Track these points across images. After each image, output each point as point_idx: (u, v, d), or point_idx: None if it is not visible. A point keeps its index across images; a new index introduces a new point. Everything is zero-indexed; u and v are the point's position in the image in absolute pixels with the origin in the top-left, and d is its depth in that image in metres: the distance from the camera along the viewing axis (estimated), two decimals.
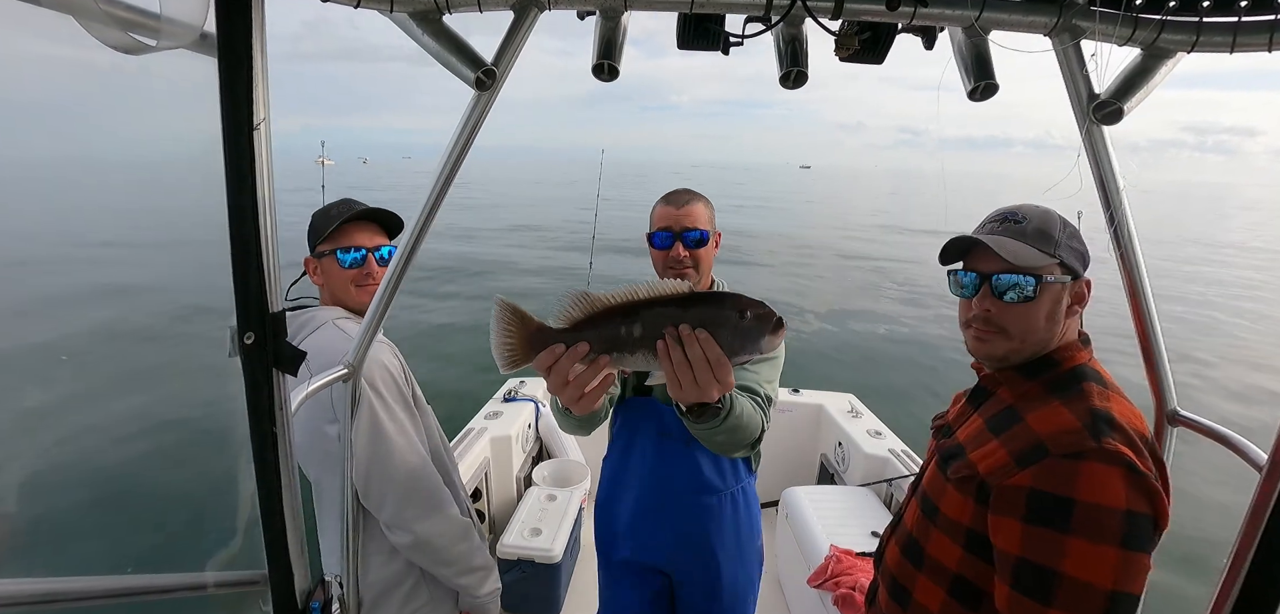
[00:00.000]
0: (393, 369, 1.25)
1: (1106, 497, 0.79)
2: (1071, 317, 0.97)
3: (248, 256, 0.74)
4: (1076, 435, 0.83)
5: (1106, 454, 0.80)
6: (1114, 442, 0.81)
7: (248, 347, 0.77)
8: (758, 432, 1.29)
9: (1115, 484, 0.79)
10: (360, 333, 1.13)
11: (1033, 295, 0.93)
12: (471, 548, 1.30)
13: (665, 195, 1.49)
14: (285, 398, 0.84)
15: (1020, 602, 0.83)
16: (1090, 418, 0.84)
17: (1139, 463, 0.80)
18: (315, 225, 1.35)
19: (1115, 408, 0.86)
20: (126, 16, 0.59)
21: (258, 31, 0.68)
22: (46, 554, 3.43)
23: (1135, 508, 0.79)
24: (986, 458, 0.91)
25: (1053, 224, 0.96)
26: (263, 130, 0.71)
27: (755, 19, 0.93)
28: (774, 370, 1.48)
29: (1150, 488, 0.79)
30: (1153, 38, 0.91)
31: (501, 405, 3.20)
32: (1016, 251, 0.93)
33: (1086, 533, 0.78)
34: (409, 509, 1.20)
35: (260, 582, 0.92)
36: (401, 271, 1.11)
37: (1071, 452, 0.82)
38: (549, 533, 2.53)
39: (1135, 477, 0.79)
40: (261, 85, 0.69)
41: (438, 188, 1.05)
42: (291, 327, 1.28)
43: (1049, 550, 0.80)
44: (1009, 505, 0.85)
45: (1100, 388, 0.90)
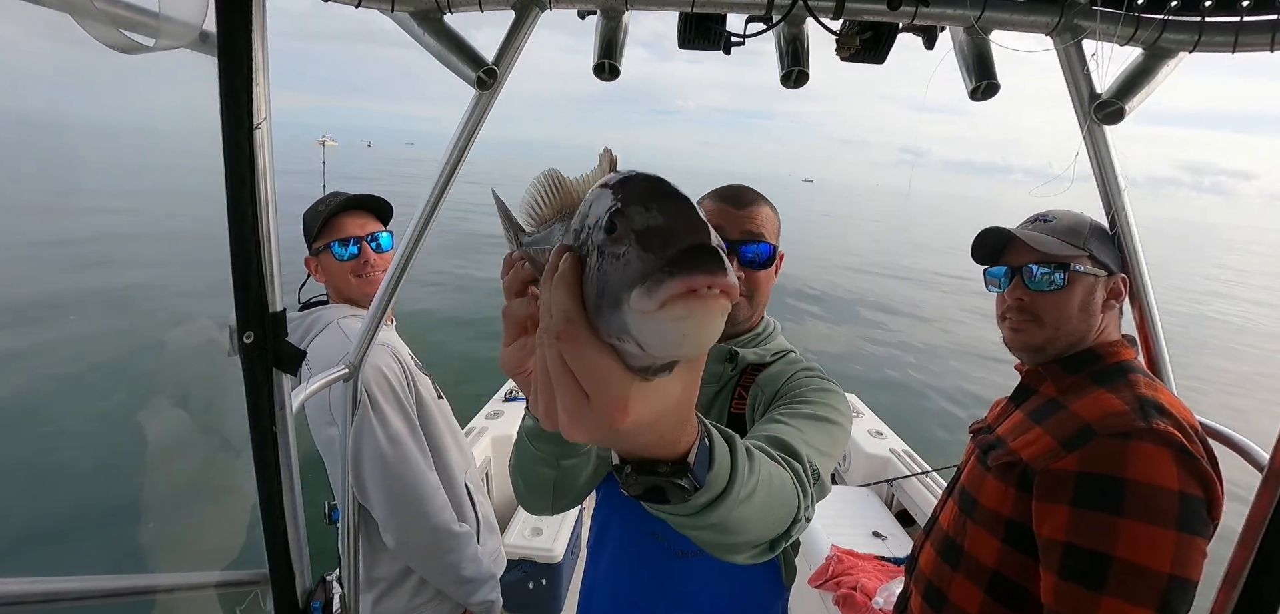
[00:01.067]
0: (392, 375, 1.23)
1: (1160, 477, 0.76)
2: (1108, 311, 0.98)
3: (247, 256, 0.74)
4: (1124, 417, 0.81)
5: (1157, 434, 0.78)
6: (1163, 424, 0.79)
7: (247, 346, 0.77)
8: (786, 523, 0.63)
9: (1167, 464, 0.77)
10: (360, 333, 1.13)
11: (1062, 285, 0.96)
12: (460, 559, 1.26)
13: (717, 191, 1.02)
14: (285, 398, 0.84)
15: (1069, 591, 0.78)
16: (1138, 403, 0.83)
17: (1189, 446, 0.78)
18: (306, 223, 1.34)
19: (1163, 397, 0.86)
20: (125, 16, 0.58)
21: (258, 31, 0.67)
22: (46, 554, 3.43)
23: (1188, 490, 0.77)
24: (1030, 444, 0.89)
25: (1083, 223, 1.00)
26: (263, 130, 0.71)
27: (756, 18, 0.93)
28: (827, 435, 0.80)
29: (1202, 471, 0.78)
30: (1154, 37, 0.91)
31: (502, 405, 3.20)
32: (1044, 242, 0.97)
33: (1141, 514, 0.75)
34: (393, 518, 1.19)
35: (261, 581, 0.92)
36: (402, 271, 1.11)
37: (1120, 432, 0.80)
38: (550, 533, 2.53)
39: (1187, 458, 0.77)
40: (262, 85, 0.69)
41: (439, 186, 1.04)
42: (299, 328, 1.27)
43: (1101, 534, 0.77)
44: (1055, 490, 0.82)
45: (1147, 379, 0.90)
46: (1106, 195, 1.07)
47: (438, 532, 1.22)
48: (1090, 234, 0.99)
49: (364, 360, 1.15)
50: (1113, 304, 0.98)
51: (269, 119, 0.71)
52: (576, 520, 2.73)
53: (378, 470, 1.16)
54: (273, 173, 0.73)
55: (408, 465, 1.19)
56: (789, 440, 0.71)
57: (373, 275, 1.31)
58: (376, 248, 1.33)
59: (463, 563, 1.26)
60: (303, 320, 1.29)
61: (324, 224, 1.30)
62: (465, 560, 1.27)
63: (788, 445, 0.70)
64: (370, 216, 1.35)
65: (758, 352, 0.99)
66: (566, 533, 2.56)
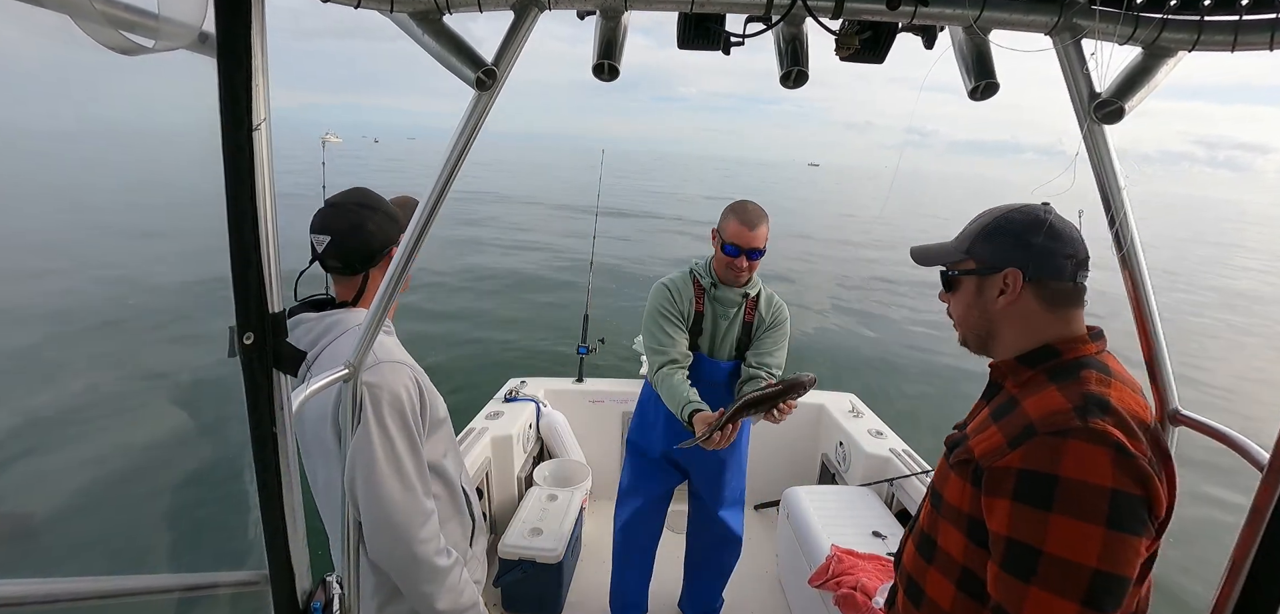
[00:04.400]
0: (405, 401, 1.19)
1: (1092, 475, 0.78)
2: (1012, 306, 0.98)
3: (247, 257, 0.74)
4: (1064, 415, 0.83)
5: (1092, 433, 0.79)
6: (1101, 422, 0.80)
7: (247, 346, 0.77)
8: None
9: (1101, 462, 0.78)
10: (361, 333, 1.12)
11: (951, 289, 1.05)
12: (437, 590, 1.23)
13: (737, 209, 1.90)
14: (285, 398, 0.84)
15: (1005, 580, 0.83)
16: (1082, 400, 0.84)
17: (1129, 444, 0.79)
18: (388, 225, 1.32)
19: (1114, 394, 0.85)
20: (124, 17, 0.58)
21: (257, 31, 0.67)
22: (46, 554, 3.43)
23: (1123, 488, 0.77)
24: (983, 442, 0.93)
25: (976, 224, 1.02)
26: (263, 130, 0.71)
27: (756, 18, 0.93)
28: (785, 350, 2.07)
29: (1141, 470, 0.78)
30: (1154, 36, 0.91)
31: (502, 405, 3.20)
32: (929, 252, 1.07)
33: (1069, 510, 0.78)
34: (377, 537, 1.18)
35: (260, 582, 0.92)
36: (402, 271, 1.11)
37: (1058, 430, 0.82)
38: (550, 533, 2.53)
39: (1124, 458, 0.78)
40: (261, 85, 0.69)
41: (438, 187, 1.04)
42: (315, 330, 1.25)
43: (1033, 529, 0.80)
44: (999, 486, 0.85)
45: (1102, 375, 0.89)
46: (1106, 195, 1.07)
47: (418, 561, 1.19)
48: (976, 235, 1.01)
49: (363, 361, 1.14)
50: (1024, 299, 0.97)
51: (269, 119, 0.71)
52: (577, 521, 2.73)
53: (371, 488, 1.14)
54: (273, 173, 0.73)
55: (403, 490, 1.17)
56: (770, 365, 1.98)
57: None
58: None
59: (439, 595, 1.23)
60: (319, 322, 1.26)
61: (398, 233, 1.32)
62: (442, 593, 1.23)
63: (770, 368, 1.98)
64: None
65: (751, 291, 2.03)
66: (566, 533, 2.56)
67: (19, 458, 4.47)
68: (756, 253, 1.89)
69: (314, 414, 1.23)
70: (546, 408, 3.33)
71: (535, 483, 2.94)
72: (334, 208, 1.29)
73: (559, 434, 3.28)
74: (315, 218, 1.29)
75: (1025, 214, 0.98)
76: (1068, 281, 0.96)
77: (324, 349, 1.24)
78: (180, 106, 0.73)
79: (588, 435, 3.37)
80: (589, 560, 2.93)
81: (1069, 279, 0.96)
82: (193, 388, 5.58)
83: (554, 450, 3.30)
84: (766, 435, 3.32)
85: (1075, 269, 0.96)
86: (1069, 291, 0.96)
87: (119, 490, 4.26)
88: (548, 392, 3.42)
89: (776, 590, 2.77)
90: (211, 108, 0.68)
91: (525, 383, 3.46)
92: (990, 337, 1.02)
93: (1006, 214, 1.00)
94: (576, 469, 3.11)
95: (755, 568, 2.90)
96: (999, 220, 1.01)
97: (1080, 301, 0.98)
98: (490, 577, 2.61)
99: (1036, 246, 0.95)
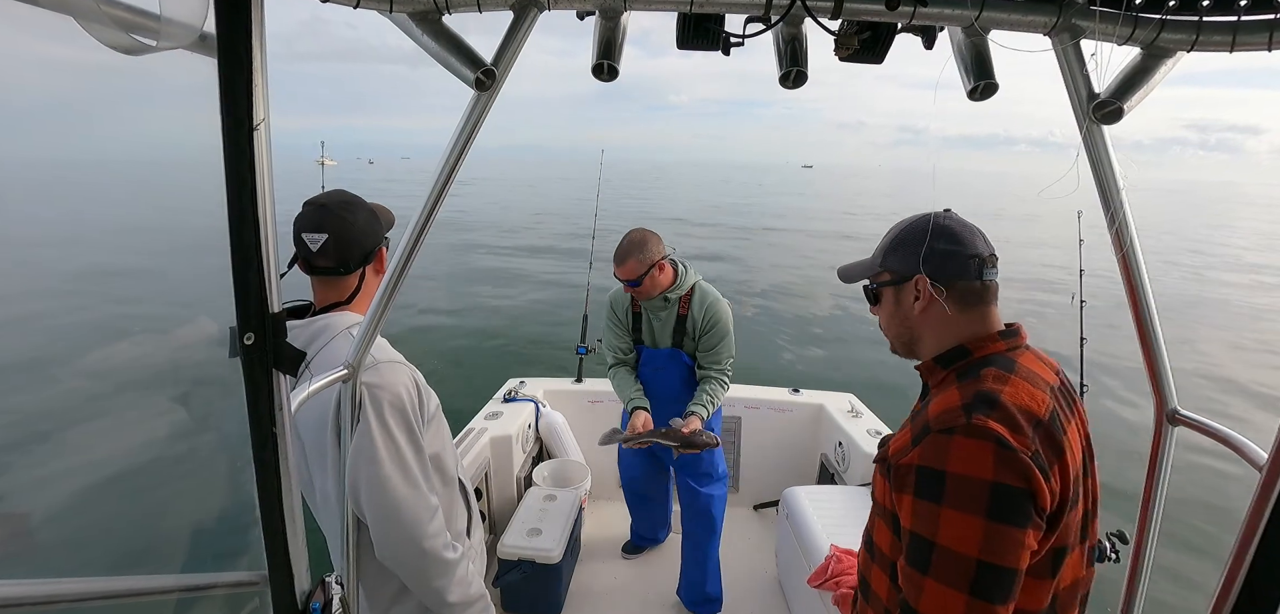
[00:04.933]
0: (406, 399, 1.20)
1: (974, 468, 0.81)
2: (926, 312, 1.01)
3: (247, 257, 0.74)
4: (953, 412, 0.86)
5: (975, 429, 0.83)
6: (985, 418, 0.83)
7: (248, 347, 0.77)
8: (726, 391, 2.41)
9: (983, 456, 0.81)
10: (360, 334, 1.13)
11: (873, 301, 1.10)
12: (448, 583, 1.24)
13: (615, 253, 2.27)
14: (285, 398, 0.84)
15: (906, 572, 0.87)
16: (972, 397, 0.87)
17: (1011, 439, 0.81)
18: (377, 226, 1.34)
19: (1008, 390, 0.87)
20: (126, 17, 0.59)
21: (257, 32, 0.68)
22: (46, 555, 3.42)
23: (1004, 480, 0.80)
24: (896, 441, 0.97)
25: (888, 238, 1.06)
26: (262, 131, 0.71)
27: (755, 19, 0.93)
28: (728, 348, 2.39)
29: (1022, 465, 0.80)
30: (1152, 37, 0.91)
31: (501, 406, 3.20)
32: (850, 270, 1.12)
33: (956, 503, 0.82)
34: (387, 538, 1.18)
35: (260, 582, 0.92)
36: (401, 272, 1.11)
37: (946, 427, 0.85)
38: (549, 533, 2.53)
39: (1005, 452, 0.81)
40: (261, 86, 0.69)
41: (437, 188, 1.04)
42: (305, 334, 1.24)
43: (927, 522, 0.84)
44: (903, 482, 0.89)
45: (1001, 372, 0.90)
46: (1105, 195, 1.07)
47: (427, 556, 1.20)
48: (887, 247, 1.06)
49: (362, 361, 1.14)
50: (924, 305, 1.00)
51: (268, 119, 0.71)
52: (575, 521, 2.73)
53: (376, 488, 1.15)
54: (272, 173, 0.73)
55: (408, 487, 1.17)
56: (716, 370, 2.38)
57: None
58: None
59: (450, 588, 1.24)
60: (307, 327, 1.26)
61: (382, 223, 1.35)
62: (453, 585, 1.25)
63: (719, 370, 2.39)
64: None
65: (673, 294, 2.35)
66: (565, 533, 2.56)
67: (18, 458, 4.46)
68: (633, 282, 2.24)
69: (314, 421, 1.23)
70: (546, 408, 3.33)
71: (534, 483, 2.94)
72: (323, 207, 1.28)
73: (558, 434, 3.28)
74: (304, 217, 1.28)
75: (925, 221, 1.02)
76: (974, 281, 0.98)
77: (317, 354, 1.22)
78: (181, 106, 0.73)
79: (587, 435, 3.37)
80: (588, 560, 2.93)
81: (975, 278, 0.98)
82: (192, 387, 5.57)
83: (553, 451, 3.30)
84: (766, 436, 3.33)
85: (980, 267, 0.98)
86: (978, 290, 0.99)
87: (118, 490, 4.26)
88: (547, 392, 3.43)
89: (775, 590, 2.77)
90: (212, 108, 0.68)
91: (524, 383, 3.46)
92: (913, 342, 1.05)
93: (909, 224, 1.04)
94: (576, 469, 3.11)
95: (754, 568, 2.91)
96: (903, 231, 1.05)
97: (991, 298, 1.00)
98: (490, 575, 2.61)
99: (938, 251, 0.99)
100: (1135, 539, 1.23)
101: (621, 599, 2.72)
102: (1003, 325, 1.00)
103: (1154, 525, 1.21)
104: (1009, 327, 1.01)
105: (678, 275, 2.34)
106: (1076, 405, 0.96)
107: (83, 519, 3.99)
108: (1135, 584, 1.23)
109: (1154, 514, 1.20)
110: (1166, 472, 1.19)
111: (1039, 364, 0.96)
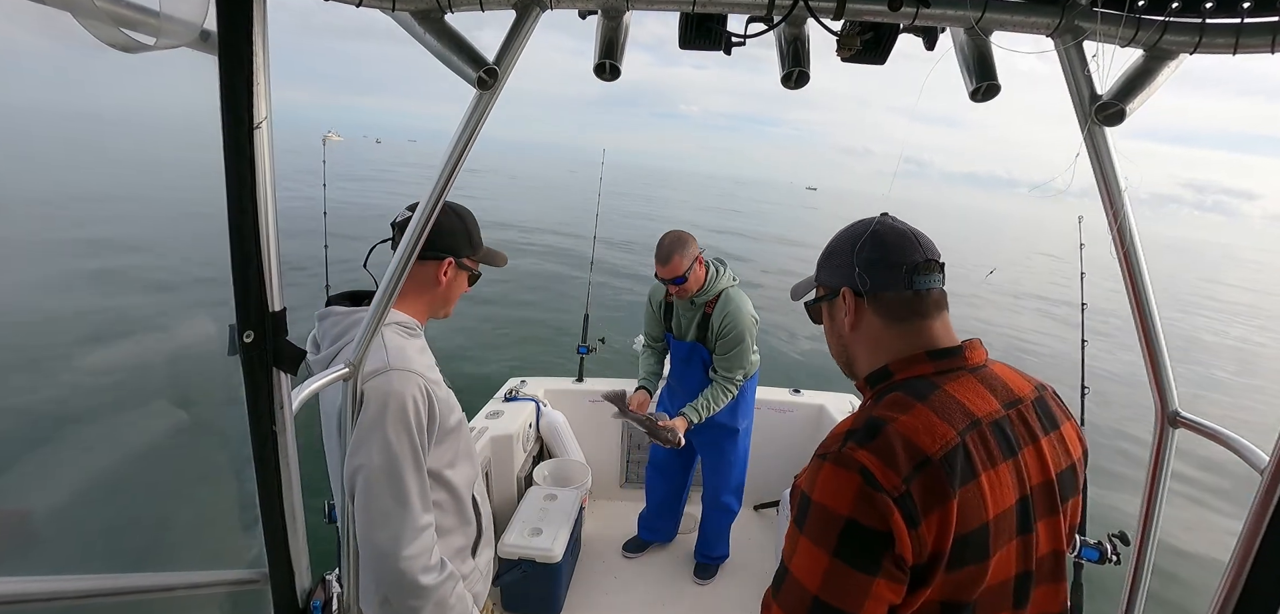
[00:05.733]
0: (410, 410, 1.16)
1: (833, 500, 0.75)
2: (856, 328, 0.94)
3: (248, 255, 0.74)
4: (836, 438, 0.80)
5: (843, 458, 0.76)
6: (858, 449, 0.76)
7: (247, 345, 0.77)
8: (731, 397, 2.53)
9: (843, 489, 0.74)
10: (361, 332, 1.12)
11: (816, 319, 1.03)
12: (422, 606, 1.20)
13: (656, 252, 2.39)
14: (285, 396, 0.84)
15: (768, 591, 0.82)
16: (858, 424, 0.80)
17: (878, 475, 0.73)
18: (466, 226, 1.35)
19: (903, 420, 0.78)
20: (126, 14, 0.58)
21: (258, 30, 0.68)
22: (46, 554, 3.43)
23: (861, 519, 0.72)
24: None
25: (828, 244, 1.00)
26: (263, 129, 0.71)
27: (757, 19, 0.93)
28: (739, 357, 2.49)
29: (884, 507, 0.72)
30: (1155, 39, 0.91)
31: (502, 405, 3.20)
32: (796, 287, 1.08)
33: (810, 532, 0.76)
34: (366, 545, 1.16)
35: (260, 581, 0.92)
36: (403, 270, 1.11)
37: (821, 453, 0.80)
38: (549, 533, 2.53)
39: (870, 488, 0.73)
40: (262, 84, 0.69)
41: (440, 186, 1.04)
42: (343, 324, 1.23)
43: (789, 545, 0.79)
44: (793, 503, 0.85)
45: (907, 399, 0.81)
46: (1107, 196, 1.07)
47: (402, 576, 1.16)
48: (820, 261, 1.00)
49: (363, 361, 1.14)
50: (852, 320, 0.93)
51: (269, 119, 0.71)
52: (576, 521, 2.73)
53: (363, 498, 1.13)
54: (273, 172, 0.73)
55: (394, 501, 1.14)
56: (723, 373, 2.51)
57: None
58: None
59: (423, 610, 1.20)
60: (349, 316, 1.23)
61: (482, 245, 1.38)
62: (428, 608, 1.21)
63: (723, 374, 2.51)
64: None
65: (699, 299, 2.51)
66: (566, 533, 2.56)
67: (18, 456, 4.46)
68: (677, 280, 2.37)
69: (332, 404, 1.23)
70: (546, 407, 3.33)
71: (535, 482, 2.94)
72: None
73: (559, 434, 3.28)
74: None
75: (853, 229, 0.95)
76: (904, 290, 0.89)
77: (346, 344, 1.20)
78: (181, 104, 0.73)
79: (587, 435, 3.37)
80: (589, 560, 2.93)
81: (905, 288, 0.89)
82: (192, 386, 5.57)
83: (554, 450, 3.30)
84: (767, 436, 3.33)
85: (911, 275, 0.89)
86: (909, 301, 0.89)
87: (118, 489, 4.26)
88: (547, 391, 3.42)
89: None
90: (212, 106, 0.68)
91: (525, 382, 3.46)
92: (850, 360, 0.98)
93: (839, 234, 0.98)
94: (576, 469, 3.11)
95: (755, 568, 2.91)
96: (832, 241, 0.98)
97: (929, 311, 0.90)
98: None
99: (862, 261, 0.91)
100: (1136, 541, 1.23)
101: (622, 599, 2.73)
102: (946, 343, 0.89)
103: (1155, 527, 1.21)
104: (950, 348, 0.88)
105: (708, 278, 2.48)
106: (1042, 440, 0.85)
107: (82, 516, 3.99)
108: (1136, 585, 1.23)
109: (1155, 516, 1.20)
110: (1167, 473, 1.19)
111: (975, 391, 0.84)
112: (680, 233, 2.40)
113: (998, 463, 0.79)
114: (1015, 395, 0.87)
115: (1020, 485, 0.80)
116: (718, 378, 2.51)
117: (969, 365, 0.87)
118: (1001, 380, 0.88)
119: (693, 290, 2.44)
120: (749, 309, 2.49)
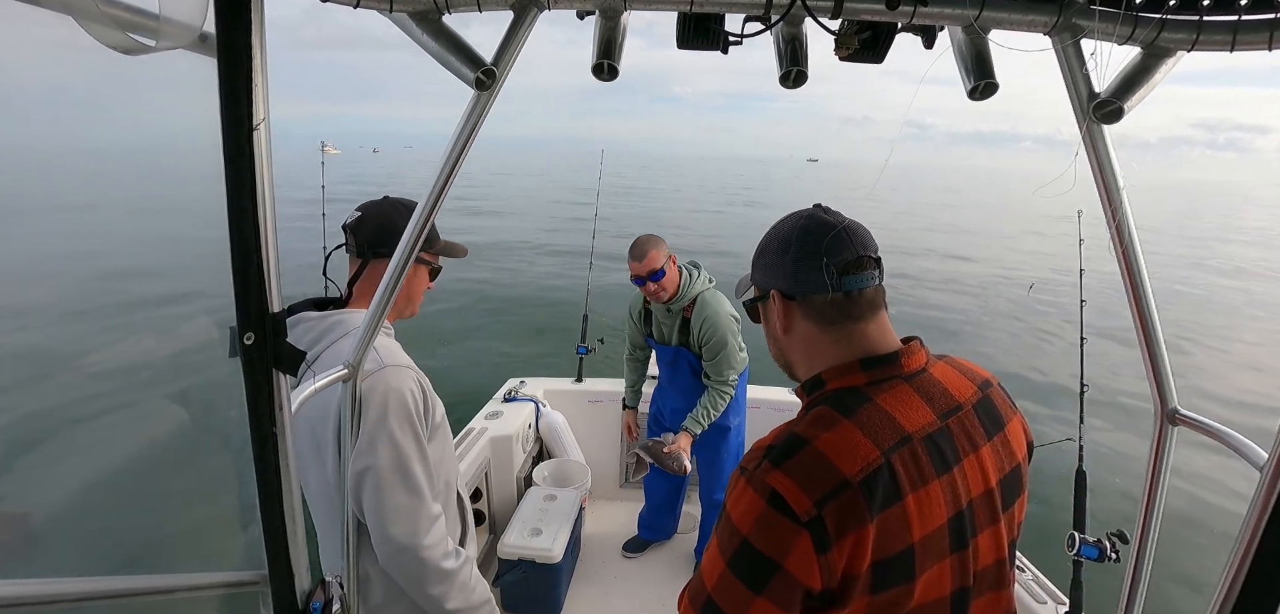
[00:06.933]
0: (411, 404, 1.19)
1: (738, 517, 0.74)
2: (789, 332, 0.89)
3: (248, 256, 0.74)
4: (754, 453, 0.78)
5: (755, 479, 0.74)
6: (772, 469, 0.73)
7: (248, 347, 0.78)
8: (728, 400, 2.55)
9: (749, 510, 0.73)
10: (361, 332, 1.13)
11: (755, 319, 0.98)
12: (448, 590, 1.23)
13: (630, 249, 2.41)
14: (285, 398, 0.84)
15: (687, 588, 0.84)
16: (778, 440, 0.77)
17: (790, 501, 0.70)
18: (397, 223, 1.32)
19: (825, 438, 0.74)
20: (125, 17, 0.59)
21: (257, 31, 0.68)
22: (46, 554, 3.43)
23: (755, 543, 0.72)
24: None
25: (759, 246, 0.94)
26: (262, 130, 0.71)
27: (755, 18, 0.93)
28: (726, 360, 2.50)
29: (784, 536, 0.70)
30: (1153, 36, 0.91)
31: (502, 405, 3.20)
32: (739, 283, 1.03)
33: (718, 535, 0.78)
34: (387, 543, 1.17)
35: (260, 582, 0.92)
36: (401, 271, 1.11)
37: (742, 466, 0.78)
38: (549, 533, 2.53)
39: (775, 512, 0.71)
40: (261, 85, 0.69)
41: (437, 188, 1.04)
42: (316, 330, 1.24)
43: (708, 549, 0.81)
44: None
45: (832, 414, 0.77)
46: (1106, 194, 1.07)
47: (425, 565, 1.18)
48: (753, 262, 0.96)
49: (363, 361, 1.14)
50: (799, 322, 0.88)
51: (268, 119, 0.71)
52: (576, 521, 2.73)
53: (376, 494, 1.14)
54: (272, 173, 0.73)
55: (408, 494, 1.16)
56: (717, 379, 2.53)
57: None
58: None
59: (449, 595, 1.23)
60: (320, 322, 1.25)
61: (438, 238, 1.38)
62: (453, 592, 1.23)
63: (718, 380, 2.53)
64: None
65: (675, 306, 2.52)
66: (565, 533, 2.56)
67: (18, 457, 4.46)
68: (655, 275, 2.38)
69: (313, 414, 1.22)
70: (546, 408, 3.33)
71: (534, 483, 2.94)
72: (376, 200, 1.36)
73: (558, 434, 3.28)
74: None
75: (783, 225, 0.90)
76: (832, 292, 0.82)
77: (325, 349, 1.23)
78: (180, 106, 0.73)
79: (587, 435, 3.37)
80: (589, 560, 2.93)
81: (833, 289, 0.82)
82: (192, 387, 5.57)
83: (553, 450, 3.30)
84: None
85: (838, 276, 0.82)
86: (840, 303, 0.83)
87: (118, 490, 4.26)
88: (547, 391, 3.42)
89: None
90: (212, 107, 0.68)
91: (524, 383, 3.46)
92: (789, 365, 0.93)
93: (771, 229, 0.92)
94: (576, 469, 3.11)
95: None
96: (763, 239, 0.93)
97: (858, 313, 0.84)
98: (490, 576, 2.61)
99: (789, 261, 0.86)
100: (1136, 539, 1.23)
101: (622, 599, 2.73)
102: (883, 347, 0.84)
103: (1154, 526, 1.21)
104: (886, 355, 0.83)
105: (682, 282, 2.49)
106: (984, 448, 0.81)
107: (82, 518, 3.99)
108: (1136, 585, 1.23)
109: (1154, 514, 1.20)
110: (1166, 472, 1.19)
111: (910, 402, 0.79)
112: (651, 234, 2.46)
113: (929, 481, 0.75)
114: (954, 402, 0.82)
115: (954, 502, 0.77)
116: (712, 385, 2.53)
117: (904, 373, 0.82)
118: (941, 386, 0.83)
119: (670, 291, 2.45)
120: (727, 309, 2.52)
